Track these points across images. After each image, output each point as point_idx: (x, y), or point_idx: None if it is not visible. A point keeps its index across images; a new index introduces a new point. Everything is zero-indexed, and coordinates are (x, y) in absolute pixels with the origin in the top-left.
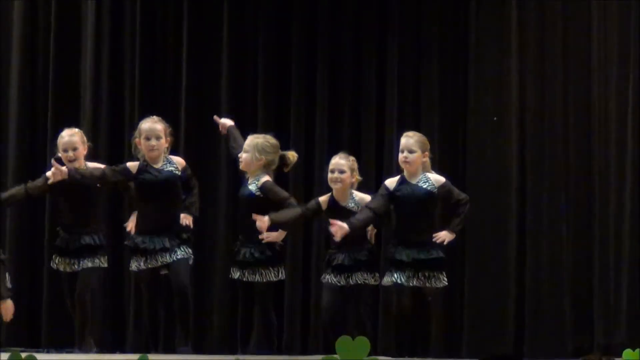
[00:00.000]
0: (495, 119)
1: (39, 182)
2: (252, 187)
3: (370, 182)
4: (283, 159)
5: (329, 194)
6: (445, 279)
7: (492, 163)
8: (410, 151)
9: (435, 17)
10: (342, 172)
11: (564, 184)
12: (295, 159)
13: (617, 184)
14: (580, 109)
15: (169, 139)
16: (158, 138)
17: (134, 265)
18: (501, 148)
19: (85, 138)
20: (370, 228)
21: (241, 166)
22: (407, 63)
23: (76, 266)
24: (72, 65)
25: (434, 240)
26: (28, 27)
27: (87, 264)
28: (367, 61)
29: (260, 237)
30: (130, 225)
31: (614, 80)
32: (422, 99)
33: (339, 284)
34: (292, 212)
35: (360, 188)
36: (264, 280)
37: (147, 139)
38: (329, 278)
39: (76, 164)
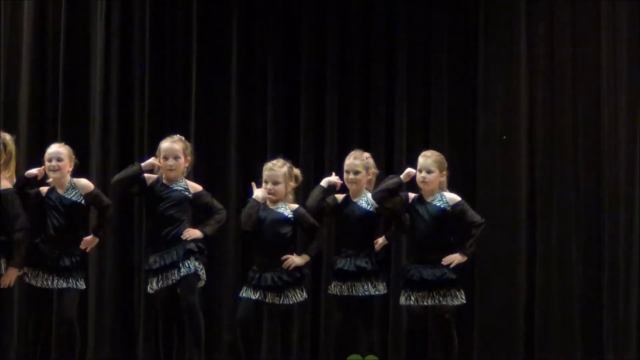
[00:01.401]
0: (504, 137)
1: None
2: (284, 211)
3: None
4: (296, 178)
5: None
6: (463, 296)
7: (502, 179)
8: (429, 171)
9: (445, 31)
10: (356, 172)
11: (573, 202)
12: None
13: (626, 202)
14: (590, 125)
15: (189, 158)
16: (176, 158)
17: (149, 288)
18: (511, 165)
19: (73, 155)
20: (380, 240)
21: (277, 197)
22: (416, 78)
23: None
24: (81, 76)
25: (442, 262)
26: (38, 38)
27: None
28: (375, 76)
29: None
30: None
31: (623, 95)
32: (432, 115)
33: (340, 294)
34: (318, 240)
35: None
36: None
37: (165, 158)
38: (333, 287)
39: (58, 175)
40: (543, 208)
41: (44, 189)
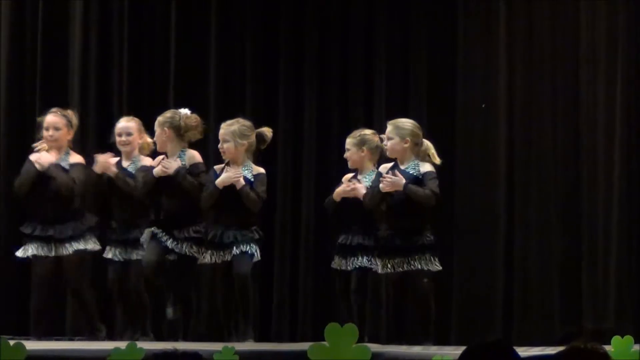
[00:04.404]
0: (483, 105)
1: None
2: (248, 174)
3: None
4: (260, 137)
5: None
6: (438, 263)
7: (481, 151)
8: (388, 138)
9: (424, 6)
10: (347, 150)
11: (552, 171)
12: (271, 134)
13: (605, 170)
14: (568, 95)
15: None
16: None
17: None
18: (490, 135)
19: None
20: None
21: (226, 157)
22: (395, 47)
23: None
24: (60, 58)
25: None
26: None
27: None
28: (354, 52)
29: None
30: None
31: (602, 66)
32: (411, 84)
33: (340, 268)
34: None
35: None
36: None
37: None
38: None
39: (128, 149)
40: (521, 176)
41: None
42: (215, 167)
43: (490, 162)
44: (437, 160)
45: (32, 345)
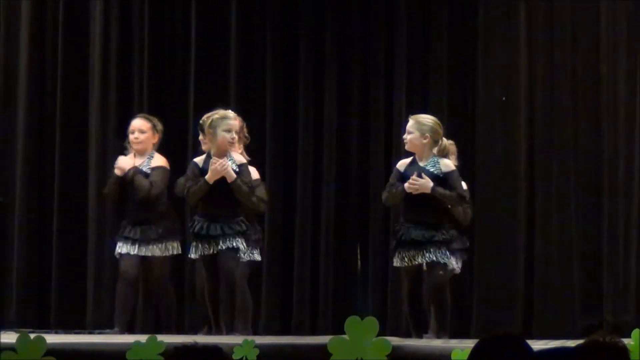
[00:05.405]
0: (503, 98)
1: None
2: (231, 164)
3: (379, 165)
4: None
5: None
6: (454, 260)
7: (501, 143)
8: (408, 132)
9: (445, 3)
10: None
11: (572, 162)
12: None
13: (626, 164)
14: (589, 89)
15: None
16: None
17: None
18: (510, 130)
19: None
20: None
21: (205, 148)
22: (416, 41)
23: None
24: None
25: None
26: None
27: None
28: (375, 45)
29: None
30: None
31: (622, 60)
32: (431, 79)
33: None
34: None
35: (369, 172)
36: None
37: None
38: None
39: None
40: (542, 170)
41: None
42: (196, 159)
43: (511, 157)
44: (455, 163)
45: (52, 338)
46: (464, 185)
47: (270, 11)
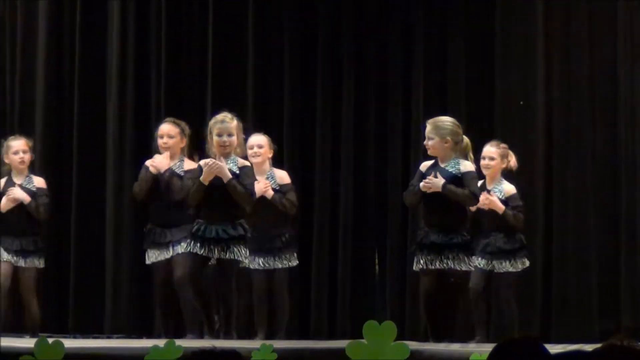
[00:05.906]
0: (522, 103)
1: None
2: (233, 166)
3: (397, 169)
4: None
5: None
6: (472, 263)
7: (519, 145)
8: (428, 138)
9: (462, 2)
10: (492, 159)
11: (590, 166)
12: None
13: None
14: (606, 88)
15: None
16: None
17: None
18: (528, 129)
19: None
20: None
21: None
22: (433, 43)
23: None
24: (98, 60)
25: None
26: (53, 23)
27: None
28: (393, 47)
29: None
30: None
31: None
32: (449, 87)
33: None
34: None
35: (387, 176)
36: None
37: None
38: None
39: (258, 160)
40: (560, 171)
41: None
42: (201, 162)
43: (529, 157)
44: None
45: (70, 343)
46: (510, 188)
47: (288, 11)
